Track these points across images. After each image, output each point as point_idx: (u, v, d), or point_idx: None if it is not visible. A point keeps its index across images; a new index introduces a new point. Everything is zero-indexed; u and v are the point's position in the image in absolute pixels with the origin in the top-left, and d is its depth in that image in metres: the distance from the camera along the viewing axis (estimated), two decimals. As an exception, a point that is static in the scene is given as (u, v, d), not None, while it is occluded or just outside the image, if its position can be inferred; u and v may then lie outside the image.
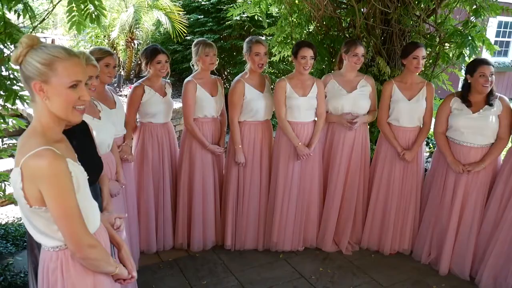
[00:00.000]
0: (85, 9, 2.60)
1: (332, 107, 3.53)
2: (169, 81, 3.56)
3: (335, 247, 3.76)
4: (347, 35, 4.15)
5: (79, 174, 1.51)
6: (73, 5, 2.55)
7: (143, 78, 3.40)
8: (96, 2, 2.65)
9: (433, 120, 3.53)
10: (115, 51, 8.68)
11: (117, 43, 8.85)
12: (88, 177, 1.61)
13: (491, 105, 3.15)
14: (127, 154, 3.09)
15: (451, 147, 3.32)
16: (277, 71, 7.84)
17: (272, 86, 3.59)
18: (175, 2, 8.48)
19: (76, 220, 1.45)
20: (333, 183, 3.61)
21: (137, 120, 3.46)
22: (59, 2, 3.09)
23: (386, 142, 3.57)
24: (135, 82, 3.54)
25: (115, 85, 8.06)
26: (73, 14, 2.57)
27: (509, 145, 3.29)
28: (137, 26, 8.48)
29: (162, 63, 3.27)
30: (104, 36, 8.94)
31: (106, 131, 2.58)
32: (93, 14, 2.64)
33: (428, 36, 3.95)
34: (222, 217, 3.73)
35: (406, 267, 3.57)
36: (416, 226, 3.67)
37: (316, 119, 3.53)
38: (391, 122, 3.52)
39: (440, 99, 3.76)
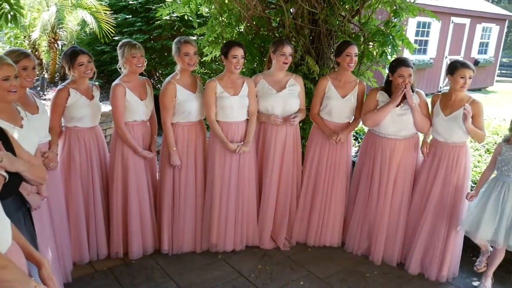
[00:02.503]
0: (-1, 8, 2.45)
1: (262, 107, 3.57)
2: (97, 83, 3.42)
3: (273, 244, 3.82)
4: (277, 34, 4.22)
5: None
6: (-14, 4, 2.38)
7: (68, 80, 3.24)
8: (12, 1, 2.50)
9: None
10: (37, 53, 8.21)
11: (39, 44, 8.35)
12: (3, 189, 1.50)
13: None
14: (52, 162, 2.92)
15: (376, 140, 3.49)
16: (209, 71, 7.80)
17: (204, 87, 3.56)
18: (101, 1, 8.16)
19: None
20: (267, 181, 3.66)
21: (62, 124, 3.30)
22: (-31, 0, 2.87)
23: (316, 138, 3.69)
24: (60, 84, 3.36)
25: (38, 88, 7.61)
26: (-14, 14, 2.41)
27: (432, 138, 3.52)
28: (60, 26, 8.05)
29: (85, 64, 3.13)
30: (25, 36, 8.40)
31: (28, 141, 2.39)
32: (9, 14, 2.49)
33: (353, 35, 4.12)
34: (157, 221, 3.65)
35: (341, 258, 3.71)
36: (348, 220, 3.81)
37: (248, 118, 3.55)
38: (323, 116, 3.64)
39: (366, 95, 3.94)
